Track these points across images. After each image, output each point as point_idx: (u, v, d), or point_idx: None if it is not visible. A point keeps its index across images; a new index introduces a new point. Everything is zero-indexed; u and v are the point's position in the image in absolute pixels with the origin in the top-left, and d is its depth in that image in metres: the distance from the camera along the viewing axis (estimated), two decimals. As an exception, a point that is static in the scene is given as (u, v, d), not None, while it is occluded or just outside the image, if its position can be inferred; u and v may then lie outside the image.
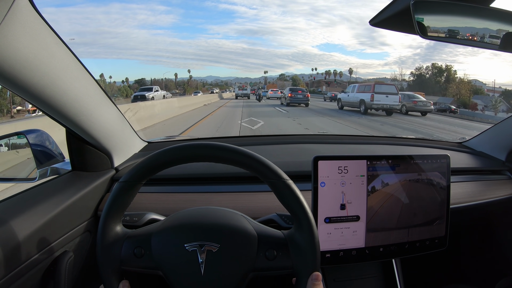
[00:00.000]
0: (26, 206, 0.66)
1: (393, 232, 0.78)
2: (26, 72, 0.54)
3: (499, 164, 1.15)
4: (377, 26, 0.71)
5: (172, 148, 0.54)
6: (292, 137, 1.36)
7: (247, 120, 10.23)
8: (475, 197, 0.99)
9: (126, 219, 0.70)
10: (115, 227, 0.56)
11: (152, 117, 9.46)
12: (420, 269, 1.12)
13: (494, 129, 1.22)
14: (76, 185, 0.80)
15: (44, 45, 0.56)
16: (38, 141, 0.86)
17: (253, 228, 0.57)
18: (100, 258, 0.54)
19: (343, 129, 9.01)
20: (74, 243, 0.75)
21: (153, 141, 1.19)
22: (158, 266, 0.54)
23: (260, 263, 0.54)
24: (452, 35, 0.66)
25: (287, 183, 0.54)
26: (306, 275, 0.53)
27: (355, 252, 0.76)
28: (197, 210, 0.61)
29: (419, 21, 0.63)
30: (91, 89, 0.75)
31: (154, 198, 0.89)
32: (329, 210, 0.74)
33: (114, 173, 0.92)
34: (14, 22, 0.48)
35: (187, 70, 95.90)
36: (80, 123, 0.75)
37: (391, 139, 1.37)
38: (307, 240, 0.53)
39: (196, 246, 0.54)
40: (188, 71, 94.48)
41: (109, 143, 0.88)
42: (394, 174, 0.77)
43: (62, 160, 0.90)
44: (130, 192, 0.55)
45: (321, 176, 0.73)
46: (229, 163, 0.55)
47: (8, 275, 0.56)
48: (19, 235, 0.59)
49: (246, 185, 0.93)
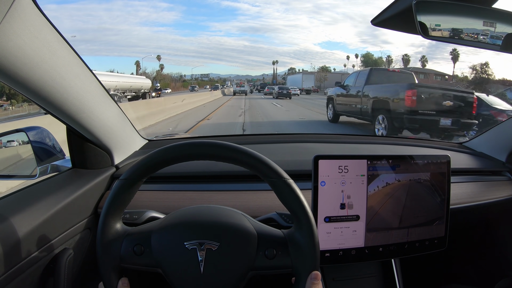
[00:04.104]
0: (26, 203, 0.66)
1: (393, 232, 0.78)
2: (27, 69, 0.54)
3: (499, 165, 1.15)
4: (379, 26, 0.71)
5: (172, 146, 0.54)
6: (293, 136, 1.36)
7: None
8: (475, 198, 0.99)
9: (126, 216, 0.70)
10: (115, 224, 0.56)
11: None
12: (419, 269, 1.13)
13: (495, 130, 1.22)
14: (76, 182, 0.80)
15: (45, 42, 0.56)
16: (38, 138, 0.86)
17: (253, 226, 0.57)
18: (100, 255, 0.54)
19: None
20: (74, 240, 0.75)
21: (153, 139, 1.19)
22: (157, 264, 0.54)
23: (259, 262, 0.54)
24: (454, 35, 0.66)
25: (287, 182, 0.54)
26: (306, 274, 0.53)
27: (355, 251, 0.76)
28: (197, 209, 0.61)
29: (421, 21, 0.63)
30: (92, 87, 0.75)
31: (154, 196, 0.89)
32: (329, 210, 0.74)
33: (114, 171, 0.92)
34: (16, 19, 0.48)
35: (156, 57, 73.97)
36: (81, 120, 0.75)
37: (392, 139, 1.37)
38: (307, 239, 0.53)
39: (196, 244, 0.54)
40: (157, 58, 74.40)
41: (110, 140, 0.88)
42: (394, 174, 0.77)
43: (63, 157, 0.90)
44: (130, 189, 0.55)
45: (321, 175, 0.73)
46: (229, 161, 0.55)
47: (8, 272, 0.57)
48: (19, 232, 0.59)
49: (246, 184, 0.94)
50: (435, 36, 0.65)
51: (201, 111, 12.55)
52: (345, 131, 7.69)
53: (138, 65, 61.28)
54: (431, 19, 0.64)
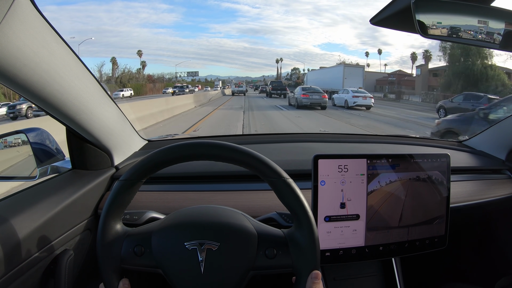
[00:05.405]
0: (26, 205, 0.66)
1: (393, 231, 0.78)
2: (26, 70, 0.54)
3: (499, 163, 1.15)
4: (377, 25, 0.71)
5: (172, 147, 0.54)
6: (292, 135, 1.36)
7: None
8: (475, 196, 0.99)
9: (126, 217, 0.70)
10: (115, 225, 0.56)
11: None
12: (419, 268, 1.13)
13: (494, 128, 1.22)
14: (76, 183, 0.80)
15: (44, 43, 0.56)
16: (38, 140, 0.86)
17: (253, 226, 0.57)
18: (100, 256, 0.54)
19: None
20: (74, 241, 0.75)
21: (153, 140, 1.19)
22: (158, 265, 0.54)
23: (260, 261, 0.54)
24: (452, 34, 0.66)
25: (287, 182, 0.54)
26: (306, 273, 0.53)
27: (355, 251, 0.76)
28: (197, 209, 0.61)
29: (419, 20, 0.63)
30: (91, 87, 0.75)
31: (154, 196, 0.89)
32: (329, 209, 0.74)
33: (114, 172, 0.92)
34: (15, 20, 0.48)
35: (137, 52, 55.33)
36: (80, 121, 0.75)
37: (391, 137, 1.37)
38: (307, 238, 0.53)
39: (196, 245, 0.54)
40: (138, 54, 55.22)
41: (109, 141, 0.88)
42: (394, 173, 0.77)
43: (62, 158, 0.90)
44: (130, 190, 0.55)
45: (321, 175, 0.73)
46: (229, 161, 0.55)
47: (9, 273, 0.57)
48: (19, 233, 0.59)
49: (246, 184, 0.94)
50: (434, 34, 0.65)
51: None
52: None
53: (115, 62, 47.35)
54: (429, 18, 0.64)
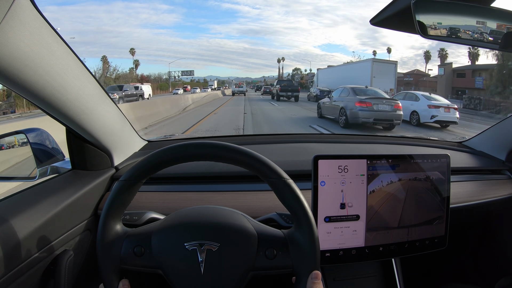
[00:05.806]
0: (26, 205, 0.66)
1: (393, 232, 0.78)
2: (26, 71, 0.54)
3: (499, 164, 1.15)
4: (377, 26, 0.71)
5: (172, 147, 0.54)
6: (292, 136, 1.36)
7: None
8: (475, 197, 0.99)
9: (126, 218, 0.70)
10: (115, 226, 0.56)
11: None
12: (419, 268, 1.13)
13: (494, 128, 1.22)
14: (76, 184, 0.80)
15: (44, 44, 0.56)
16: (38, 140, 0.86)
17: (253, 227, 0.57)
18: (100, 256, 0.54)
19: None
20: (74, 242, 0.75)
21: (153, 140, 1.19)
22: (158, 265, 0.54)
23: (260, 262, 0.54)
24: (452, 35, 0.66)
25: (287, 182, 0.54)
26: (306, 274, 0.53)
27: (355, 251, 0.76)
28: (197, 209, 0.61)
29: (419, 20, 0.63)
30: (91, 88, 0.75)
31: (154, 197, 0.89)
32: (329, 209, 0.74)
33: (114, 172, 0.92)
34: (15, 20, 0.48)
35: (129, 50, 54.91)
36: (80, 121, 0.75)
37: (391, 138, 1.37)
38: (307, 239, 0.53)
39: (196, 245, 0.54)
40: (130, 52, 53.39)
41: (109, 142, 0.88)
42: (394, 173, 0.77)
43: (62, 159, 0.90)
44: (130, 191, 0.55)
45: (321, 175, 0.73)
46: (229, 162, 0.55)
47: (8, 273, 0.56)
48: (19, 233, 0.59)
49: (246, 184, 0.94)
50: (434, 35, 0.65)
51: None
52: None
53: (105, 61, 44.92)
54: (429, 18, 0.64)
